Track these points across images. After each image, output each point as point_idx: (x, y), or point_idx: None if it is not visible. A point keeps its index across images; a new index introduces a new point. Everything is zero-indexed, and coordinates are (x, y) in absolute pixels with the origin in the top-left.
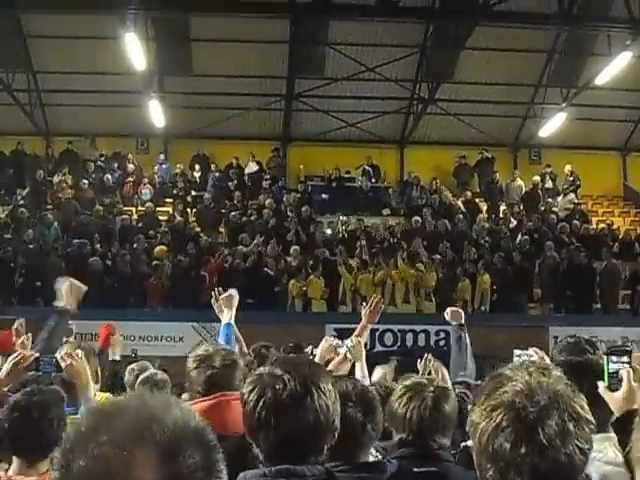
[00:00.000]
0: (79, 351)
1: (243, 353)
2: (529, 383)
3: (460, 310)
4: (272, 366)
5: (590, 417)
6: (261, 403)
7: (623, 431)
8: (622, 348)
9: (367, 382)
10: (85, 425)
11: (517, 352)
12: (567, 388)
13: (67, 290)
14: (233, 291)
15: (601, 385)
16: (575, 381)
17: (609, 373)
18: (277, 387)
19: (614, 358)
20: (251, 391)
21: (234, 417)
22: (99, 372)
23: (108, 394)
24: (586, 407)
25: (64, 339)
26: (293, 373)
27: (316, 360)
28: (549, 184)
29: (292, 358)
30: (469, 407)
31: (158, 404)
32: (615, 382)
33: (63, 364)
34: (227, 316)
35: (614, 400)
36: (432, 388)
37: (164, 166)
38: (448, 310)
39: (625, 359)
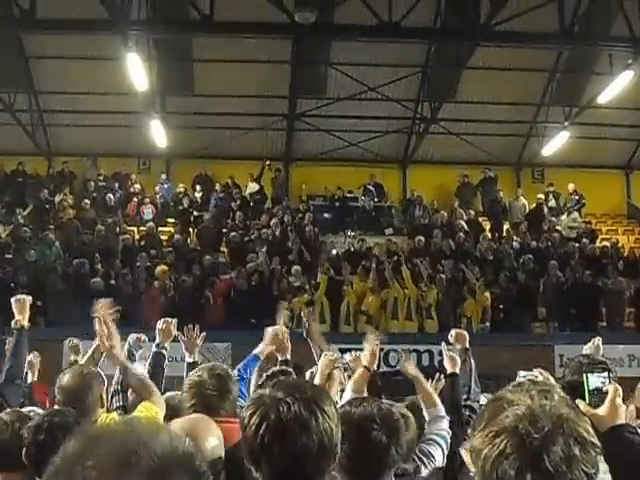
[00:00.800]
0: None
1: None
2: (531, 407)
3: (464, 333)
4: (273, 389)
5: (595, 440)
6: (264, 426)
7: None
8: (601, 365)
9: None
10: (72, 448)
11: (522, 373)
12: (571, 411)
13: (17, 306)
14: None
15: (581, 403)
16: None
17: (589, 390)
18: (281, 410)
19: (594, 375)
20: (252, 414)
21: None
22: (104, 396)
23: (114, 414)
24: (591, 430)
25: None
26: (297, 396)
27: (317, 376)
28: (552, 203)
29: (293, 381)
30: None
31: (146, 429)
32: (597, 399)
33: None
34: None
35: (598, 417)
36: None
37: (165, 186)
38: (452, 332)
39: (605, 375)
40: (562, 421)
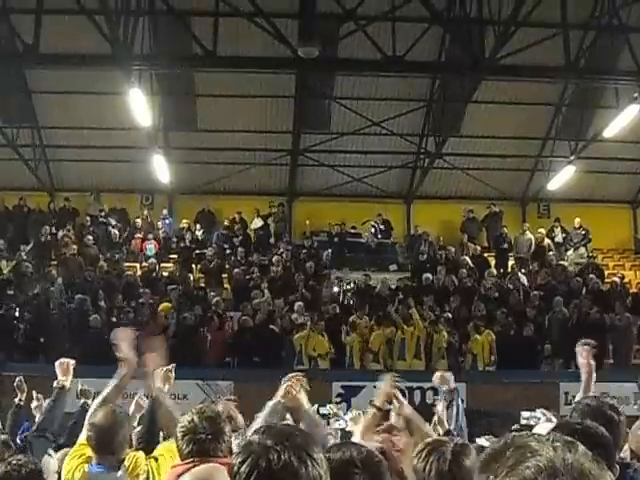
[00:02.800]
0: None
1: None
2: (553, 460)
3: (447, 374)
4: (262, 436)
5: None
6: (255, 475)
7: None
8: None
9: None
10: None
11: (525, 414)
12: (594, 466)
13: (60, 367)
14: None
15: None
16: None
17: None
18: (271, 458)
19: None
20: (242, 462)
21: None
22: (132, 436)
23: (141, 453)
24: None
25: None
26: (286, 443)
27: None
28: (558, 238)
29: (282, 427)
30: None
31: None
32: None
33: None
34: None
35: None
36: (452, 444)
37: (167, 221)
38: (437, 374)
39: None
40: (583, 476)
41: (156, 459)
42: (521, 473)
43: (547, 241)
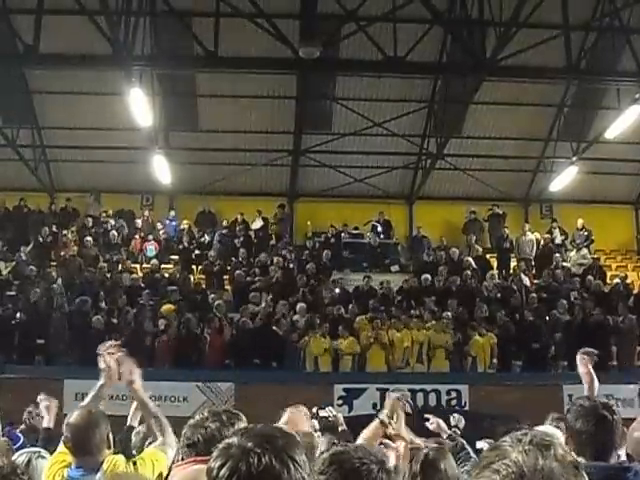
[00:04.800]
0: None
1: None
2: (522, 465)
3: (438, 421)
4: (242, 438)
5: None
6: (234, 479)
7: None
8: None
9: None
10: None
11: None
12: (566, 472)
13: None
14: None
15: None
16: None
17: None
18: (251, 461)
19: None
20: (222, 466)
21: None
22: (110, 436)
23: (120, 456)
24: None
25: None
26: (266, 446)
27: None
28: (558, 239)
29: (263, 429)
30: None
31: None
32: None
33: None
34: None
35: None
36: (427, 449)
37: (174, 223)
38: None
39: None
40: None
41: (135, 463)
42: (488, 476)
43: (550, 242)
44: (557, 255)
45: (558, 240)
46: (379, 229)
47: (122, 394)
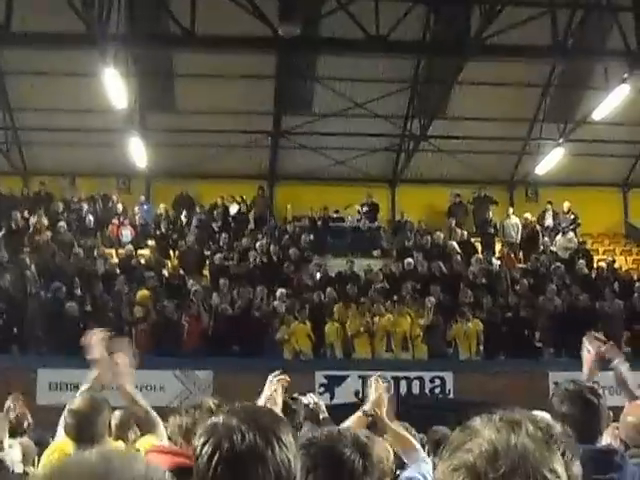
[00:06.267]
0: None
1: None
2: (494, 443)
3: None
4: (227, 415)
5: None
6: (217, 457)
7: None
8: None
9: None
10: (43, 476)
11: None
12: (538, 448)
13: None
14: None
15: None
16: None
17: None
18: (234, 439)
19: None
20: (205, 443)
21: None
22: (112, 424)
23: (121, 442)
24: (560, 470)
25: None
26: (251, 424)
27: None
28: (547, 222)
29: (249, 407)
30: (436, 460)
31: (120, 458)
32: None
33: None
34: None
35: None
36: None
37: (145, 207)
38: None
39: None
40: (524, 460)
41: (137, 450)
42: (461, 457)
43: (538, 227)
44: (546, 239)
45: (549, 223)
46: (364, 209)
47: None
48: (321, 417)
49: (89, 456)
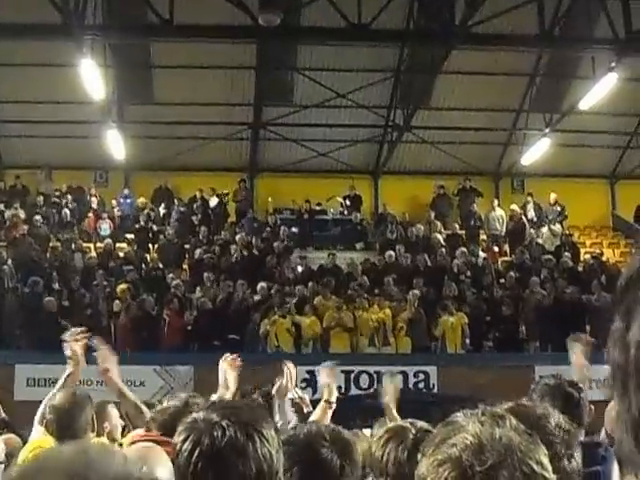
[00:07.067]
0: None
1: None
2: (479, 436)
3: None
4: (208, 411)
5: (548, 474)
6: (197, 452)
7: None
8: None
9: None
10: (16, 473)
11: None
12: (523, 441)
13: None
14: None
15: None
16: None
17: None
18: (215, 434)
19: None
20: (185, 439)
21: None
22: (95, 419)
23: (104, 439)
24: (545, 461)
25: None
26: (232, 419)
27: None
28: (531, 214)
29: (230, 402)
30: (419, 456)
31: (99, 452)
32: None
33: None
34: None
35: None
36: (414, 430)
37: (128, 200)
38: None
39: None
40: (510, 452)
41: (121, 445)
42: (447, 451)
43: (521, 217)
44: (532, 231)
45: (532, 215)
46: (347, 202)
47: (89, 379)
48: (305, 411)
49: (67, 450)
